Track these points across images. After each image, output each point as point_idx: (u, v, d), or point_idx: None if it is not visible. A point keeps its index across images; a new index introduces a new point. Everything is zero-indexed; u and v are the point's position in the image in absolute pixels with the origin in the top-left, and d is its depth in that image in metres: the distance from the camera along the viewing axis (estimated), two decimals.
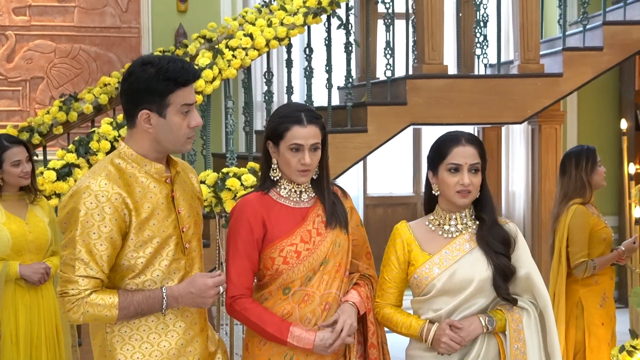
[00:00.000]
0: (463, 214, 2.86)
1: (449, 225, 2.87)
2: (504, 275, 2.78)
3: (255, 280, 2.88)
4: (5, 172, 3.97)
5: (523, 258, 2.83)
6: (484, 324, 2.76)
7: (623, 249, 4.42)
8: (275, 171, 2.85)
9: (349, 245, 2.90)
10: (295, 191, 2.85)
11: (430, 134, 8.04)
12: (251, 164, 4.93)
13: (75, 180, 4.75)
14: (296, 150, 2.78)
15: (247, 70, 5.56)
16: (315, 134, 2.80)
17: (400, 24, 6.02)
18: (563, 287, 4.39)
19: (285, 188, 2.85)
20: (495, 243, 2.80)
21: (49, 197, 4.69)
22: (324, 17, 5.62)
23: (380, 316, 2.91)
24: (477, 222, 2.86)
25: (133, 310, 2.52)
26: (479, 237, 2.82)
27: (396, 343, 3.24)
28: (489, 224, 2.82)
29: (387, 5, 5.73)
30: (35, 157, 5.88)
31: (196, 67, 5.19)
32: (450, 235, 2.86)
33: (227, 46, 5.33)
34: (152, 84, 2.53)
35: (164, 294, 2.54)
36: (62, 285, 2.50)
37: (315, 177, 2.87)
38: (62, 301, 2.50)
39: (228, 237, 2.84)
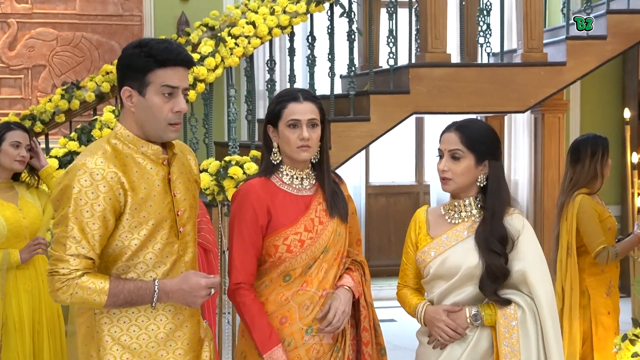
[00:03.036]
0: (467, 202, 2.85)
1: (454, 211, 2.87)
2: (493, 276, 2.73)
3: None
4: (2, 152, 3.95)
5: (523, 252, 2.76)
6: (468, 316, 2.74)
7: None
8: (276, 155, 2.86)
9: (347, 234, 2.93)
10: (297, 177, 2.87)
11: (433, 123, 8.04)
12: (253, 152, 4.93)
13: None
14: (294, 126, 2.81)
15: (250, 59, 5.56)
16: (312, 110, 2.83)
17: (403, 13, 6.01)
18: (576, 280, 4.31)
19: (287, 174, 2.86)
20: (492, 240, 2.74)
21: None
22: (326, 5, 5.61)
23: (398, 297, 2.96)
24: (482, 213, 2.82)
25: (122, 299, 2.48)
26: (477, 231, 2.79)
27: (394, 330, 3.24)
28: (490, 219, 2.77)
29: None
30: None
31: (198, 54, 5.20)
32: (453, 222, 2.86)
33: (229, 34, 5.33)
34: (133, 60, 2.52)
35: (156, 287, 2.50)
36: (53, 263, 2.47)
37: (315, 162, 2.90)
38: (52, 280, 2.46)
39: (231, 222, 2.84)
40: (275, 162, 2.87)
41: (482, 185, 2.83)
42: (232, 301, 2.84)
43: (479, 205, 2.84)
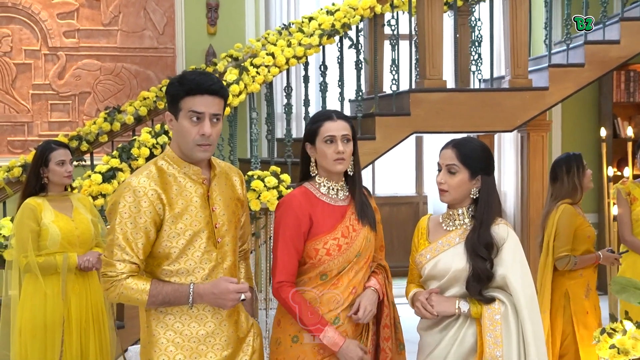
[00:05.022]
0: (460, 212, 2.84)
1: (450, 219, 2.87)
2: (478, 278, 2.73)
3: None
4: (50, 171, 3.95)
5: (504, 259, 2.75)
6: (457, 306, 2.74)
7: (602, 256, 4.34)
8: (313, 168, 2.88)
9: (374, 241, 2.94)
10: (332, 188, 2.87)
11: (431, 142, 8.04)
12: (273, 167, 4.94)
13: (118, 182, 4.77)
14: (330, 142, 2.81)
15: (269, 85, 5.57)
16: (345, 127, 2.84)
17: (404, 44, 6.02)
18: (549, 278, 4.29)
19: (324, 186, 2.87)
20: (478, 246, 2.73)
21: (95, 197, 4.70)
22: (337, 38, 5.63)
23: (406, 293, 2.96)
24: (473, 222, 2.81)
25: (161, 299, 2.53)
26: (467, 237, 2.78)
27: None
28: (478, 227, 2.77)
29: (393, 28, 5.74)
30: (83, 162, 5.96)
31: (224, 82, 5.22)
32: (448, 229, 2.86)
33: (251, 64, 5.35)
34: (170, 89, 2.60)
35: (191, 290, 2.54)
36: (104, 267, 2.55)
37: (350, 174, 2.90)
38: (103, 281, 2.55)
39: (276, 228, 2.84)
40: (313, 174, 2.88)
41: (474, 197, 2.82)
42: (277, 297, 2.82)
43: (471, 215, 2.83)
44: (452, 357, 2.76)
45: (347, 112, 6.53)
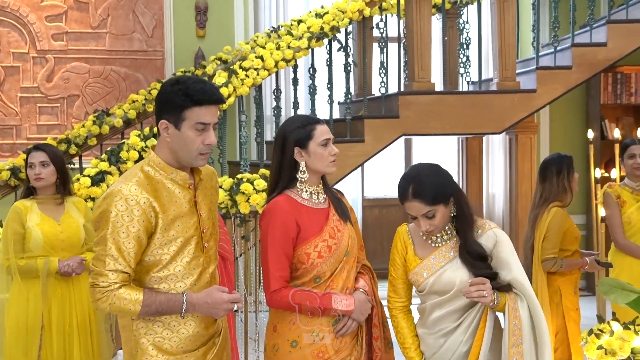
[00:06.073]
0: (446, 228, 2.88)
1: (436, 236, 2.89)
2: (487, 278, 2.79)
3: None
4: (28, 174, 3.95)
5: (505, 261, 2.82)
6: (494, 296, 2.77)
7: (588, 262, 4.36)
8: (304, 173, 2.86)
9: (355, 238, 2.95)
10: (314, 193, 2.88)
11: (420, 143, 8.05)
12: (262, 170, 4.93)
13: (107, 186, 4.75)
14: (325, 145, 2.86)
15: (258, 88, 5.56)
16: (329, 130, 2.93)
17: (393, 47, 6.03)
18: (545, 280, 4.31)
19: (306, 191, 2.88)
20: (472, 260, 2.79)
21: (84, 201, 4.67)
22: (325, 41, 5.63)
23: (393, 320, 2.95)
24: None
25: (154, 309, 2.51)
26: (460, 252, 2.83)
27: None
28: (464, 243, 2.82)
29: (381, 30, 5.75)
30: (71, 166, 5.94)
31: None
32: (436, 245, 2.88)
33: (240, 67, 5.34)
34: (172, 97, 2.52)
35: (184, 299, 2.53)
36: (94, 277, 2.49)
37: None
38: (93, 291, 2.49)
39: (263, 237, 2.81)
40: (302, 180, 2.86)
41: (454, 214, 2.86)
42: (273, 305, 2.81)
43: (456, 228, 2.88)
44: (458, 355, 2.81)
45: (336, 114, 6.54)
